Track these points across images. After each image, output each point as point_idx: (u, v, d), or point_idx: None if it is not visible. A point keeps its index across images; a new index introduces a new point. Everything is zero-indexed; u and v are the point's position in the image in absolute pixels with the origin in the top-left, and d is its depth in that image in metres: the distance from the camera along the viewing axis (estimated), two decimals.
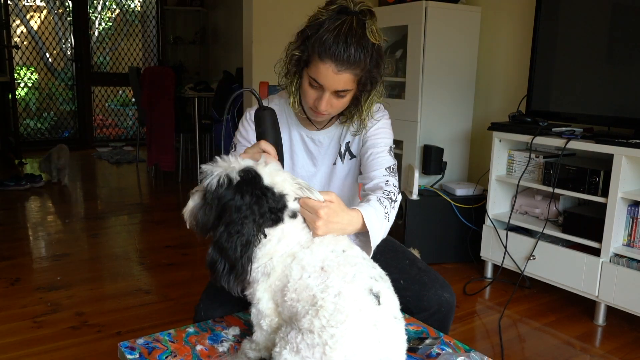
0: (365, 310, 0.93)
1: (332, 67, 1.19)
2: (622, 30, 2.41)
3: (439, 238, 3.06)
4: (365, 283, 0.97)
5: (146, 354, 1.10)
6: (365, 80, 1.25)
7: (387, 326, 0.94)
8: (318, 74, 1.22)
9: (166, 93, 4.94)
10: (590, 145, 2.36)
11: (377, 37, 1.22)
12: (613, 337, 2.31)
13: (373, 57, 1.23)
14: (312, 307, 0.94)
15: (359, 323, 0.91)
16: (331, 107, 1.28)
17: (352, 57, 1.18)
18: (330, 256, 1.01)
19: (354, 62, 1.19)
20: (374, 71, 1.25)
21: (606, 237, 2.33)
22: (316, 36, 1.20)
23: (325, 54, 1.19)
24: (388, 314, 0.96)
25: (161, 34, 7.00)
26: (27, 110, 6.74)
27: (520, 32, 3.12)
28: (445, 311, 1.37)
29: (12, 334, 2.18)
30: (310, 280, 0.97)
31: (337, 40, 1.17)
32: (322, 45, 1.18)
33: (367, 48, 1.20)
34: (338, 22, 1.19)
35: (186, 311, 2.38)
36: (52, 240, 3.37)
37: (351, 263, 1.00)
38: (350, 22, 1.19)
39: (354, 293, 0.94)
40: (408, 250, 1.52)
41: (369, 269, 1.01)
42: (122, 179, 5.26)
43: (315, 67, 1.22)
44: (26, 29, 6.69)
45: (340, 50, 1.17)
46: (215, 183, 0.99)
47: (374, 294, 0.96)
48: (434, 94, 3.18)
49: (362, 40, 1.19)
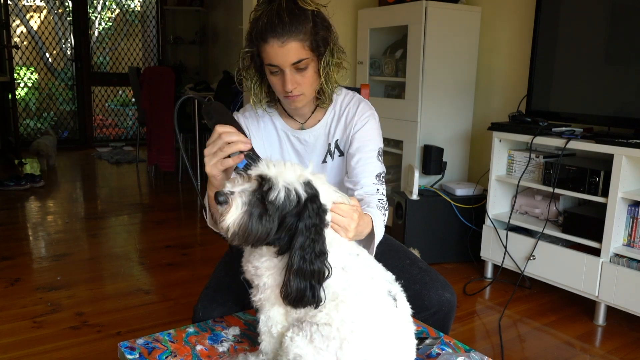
0: (385, 311, 0.95)
1: (276, 43, 1.21)
2: (622, 30, 2.41)
3: (439, 238, 3.06)
4: (384, 286, 0.99)
5: (146, 354, 1.10)
6: (315, 45, 1.26)
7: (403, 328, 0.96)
8: (268, 56, 1.24)
9: (166, 93, 4.94)
10: (590, 145, 2.36)
11: (311, 4, 1.25)
12: (613, 337, 2.31)
13: (315, 21, 1.25)
14: (331, 302, 0.94)
15: (380, 322, 0.92)
16: (299, 85, 1.28)
17: (287, 25, 1.21)
18: (348, 259, 1.01)
19: (293, 30, 1.21)
20: (321, 32, 1.26)
21: (606, 237, 2.33)
22: (257, 28, 1.24)
23: (265, 34, 1.22)
24: (404, 316, 0.98)
25: (161, 34, 7.00)
26: (27, 110, 6.74)
27: (520, 32, 3.12)
28: (446, 311, 1.37)
29: (12, 334, 2.18)
30: (330, 280, 0.95)
31: (271, 19, 1.21)
32: (261, 30, 1.22)
33: (303, 14, 1.23)
34: (269, 7, 1.23)
35: (186, 311, 2.38)
36: (52, 240, 3.37)
37: (369, 265, 1.02)
38: (279, 1, 1.23)
39: (374, 293, 0.96)
40: (409, 250, 1.52)
41: (383, 272, 1.03)
42: (122, 179, 5.26)
43: (265, 52, 1.24)
44: (26, 29, 6.69)
45: (275, 24, 1.20)
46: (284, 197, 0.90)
47: (392, 296, 0.97)
48: (434, 94, 3.18)
49: (295, 11, 1.22)
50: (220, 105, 1.15)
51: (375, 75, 3.59)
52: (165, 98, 4.94)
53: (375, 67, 3.60)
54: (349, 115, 1.41)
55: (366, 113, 1.41)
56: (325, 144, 1.45)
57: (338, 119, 1.43)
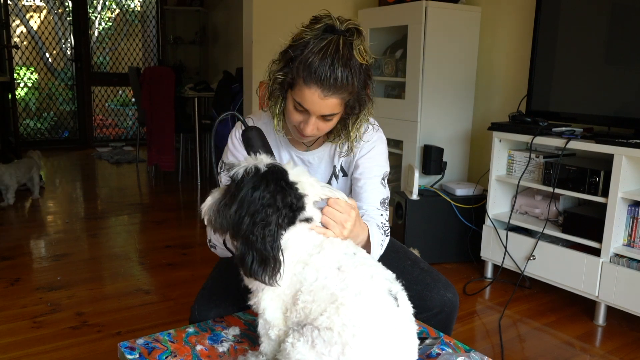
0: (387, 312, 0.92)
1: (317, 92, 1.13)
2: (621, 30, 2.41)
3: (439, 238, 3.06)
4: (384, 284, 0.95)
5: (146, 354, 1.10)
6: (353, 103, 1.20)
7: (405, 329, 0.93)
8: (303, 99, 1.15)
9: (166, 93, 4.94)
10: (590, 145, 2.36)
11: (365, 57, 1.16)
12: (613, 337, 2.31)
13: (361, 79, 1.17)
14: (331, 304, 0.91)
15: (381, 324, 0.90)
16: (317, 131, 1.23)
17: (339, 81, 1.12)
18: (344, 258, 0.98)
19: (341, 87, 1.13)
20: (362, 93, 1.19)
21: (606, 237, 2.33)
22: (300, 58, 1.13)
23: (310, 78, 1.12)
24: (406, 315, 0.95)
25: (161, 34, 7.00)
26: (27, 110, 6.74)
27: (520, 32, 3.12)
28: (449, 311, 1.37)
29: (12, 334, 2.18)
30: (328, 280, 0.94)
31: (323, 63, 1.10)
32: (307, 69, 1.11)
33: (354, 70, 1.14)
34: (324, 42, 1.12)
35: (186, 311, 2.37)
36: (52, 240, 3.37)
37: (367, 264, 0.98)
38: (337, 42, 1.12)
39: (374, 292, 0.93)
40: (409, 251, 1.52)
41: (383, 270, 1.00)
42: (122, 179, 5.26)
43: (300, 92, 1.15)
44: (26, 29, 6.69)
45: (326, 74, 1.10)
46: (242, 172, 0.96)
47: (393, 295, 0.94)
48: (434, 94, 3.18)
49: (349, 62, 1.12)
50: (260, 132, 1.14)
51: (375, 75, 3.59)
52: (165, 98, 4.94)
53: (375, 67, 3.60)
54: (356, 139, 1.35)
55: (373, 138, 1.36)
56: (330, 165, 1.41)
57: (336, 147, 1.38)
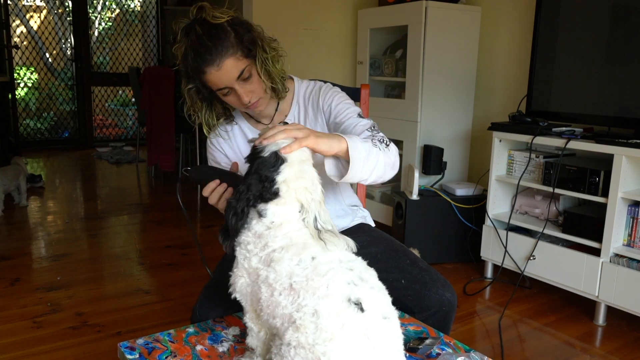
0: (349, 324, 0.87)
1: (212, 69, 1.25)
2: (622, 30, 2.41)
3: (439, 238, 3.06)
4: (342, 293, 0.89)
5: (146, 354, 1.10)
6: (247, 51, 1.28)
7: (378, 331, 0.89)
8: (214, 83, 1.28)
9: (166, 93, 4.94)
10: (590, 145, 2.36)
11: (223, 15, 1.26)
12: (613, 337, 2.31)
13: (235, 29, 1.26)
14: (291, 324, 0.89)
15: (347, 338, 0.86)
16: (252, 93, 1.32)
17: (213, 48, 1.23)
18: (297, 270, 0.93)
19: (220, 50, 1.24)
20: (246, 37, 1.27)
21: (606, 237, 2.33)
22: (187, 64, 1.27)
23: (200, 67, 1.25)
24: (375, 317, 0.90)
25: (161, 34, 7.00)
26: (27, 110, 6.74)
27: (520, 32, 3.12)
28: (447, 311, 1.37)
29: (12, 334, 2.18)
30: (282, 298, 0.92)
31: (198, 50, 1.24)
32: (194, 64, 1.25)
33: (221, 29, 1.24)
34: (189, 39, 1.26)
35: (186, 311, 2.38)
36: (52, 240, 3.37)
37: (321, 273, 0.91)
38: (194, 29, 1.25)
39: (331, 308, 0.88)
40: (409, 250, 1.52)
41: (344, 273, 0.93)
42: (122, 179, 5.26)
43: (209, 82, 1.29)
44: (26, 29, 6.69)
45: (202, 53, 1.23)
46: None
47: (354, 302, 0.89)
48: (434, 94, 3.18)
49: (212, 30, 1.24)
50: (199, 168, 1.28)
51: (375, 75, 3.59)
52: (165, 98, 4.94)
53: (375, 67, 3.60)
54: (314, 100, 1.45)
55: (329, 92, 1.44)
56: None
57: (305, 109, 1.47)
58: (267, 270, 0.95)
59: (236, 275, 1.02)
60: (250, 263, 0.99)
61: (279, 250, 0.96)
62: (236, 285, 1.02)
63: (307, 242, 0.97)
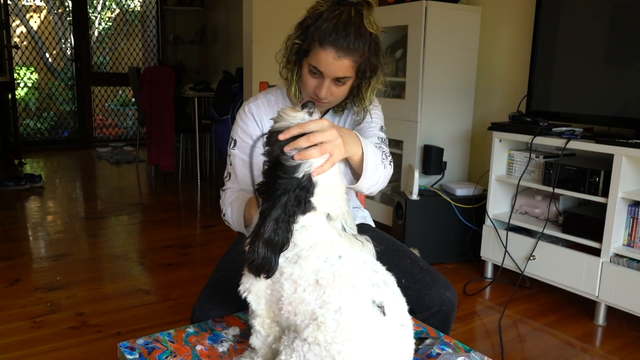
0: (371, 325, 0.88)
1: (332, 53, 1.22)
2: (622, 30, 2.41)
3: (439, 238, 3.06)
4: (367, 293, 0.90)
5: (146, 354, 1.10)
6: (364, 68, 1.28)
7: (395, 337, 0.90)
8: (318, 61, 1.25)
9: (166, 93, 4.94)
10: (590, 145, 2.36)
11: (374, 27, 1.26)
12: (613, 337, 2.31)
13: (371, 46, 1.26)
14: (312, 321, 0.89)
15: (366, 340, 0.86)
16: (331, 95, 1.31)
17: (351, 43, 1.22)
18: (324, 267, 0.93)
19: (353, 49, 1.23)
20: (373, 59, 1.28)
21: (606, 237, 2.33)
22: (316, 25, 1.23)
23: (325, 40, 1.22)
24: (394, 323, 0.91)
25: (161, 34, 7.00)
26: (27, 110, 6.74)
27: (520, 32, 3.12)
28: (447, 310, 1.37)
29: (12, 334, 2.18)
30: (306, 294, 0.92)
31: (337, 28, 1.21)
32: (322, 33, 1.22)
33: (365, 36, 1.24)
34: (337, 11, 1.23)
35: (186, 311, 2.37)
36: (52, 240, 3.37)
37: (348, 272, 0.92)
38: (349, 11, 1.23)
39: (355, 307, 0.88)
40: (409, 250, 1.52)
41: (370, 275, 0.94)
42: (122, 179, 5.26)
43: (316, 55, 1.25)
44: (26, 29, 6.69)
45: (339, 37, 1.21)
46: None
47: (377, 305, 0.89)
48: (434, 94, 3.18)
49: (360, 29, 1.23)
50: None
51: None
52: (165, 98, 4.94)
53: None
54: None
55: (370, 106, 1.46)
56: None
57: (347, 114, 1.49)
58: (292, 267, 0.95)
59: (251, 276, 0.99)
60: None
61: (307, 249, 0.96)
62: (252, 287, 1.00)
63: (335, 241, 0.97)
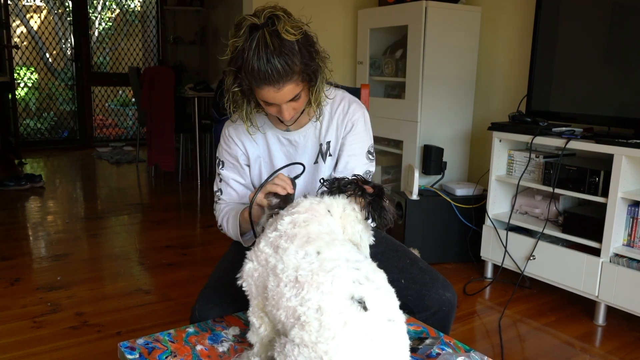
0: (351, 322, 0.87)
1: (271, 89, 1.20)
2: (622, 30, 2.41)
3: (439, 238, 3.06)
4: (346, 290, 0.90)
5: (146, 354, 1.10)
6: (308, 76, 1.25)
7: (381, 332, 0.88)
8: (265, 97, 1.24)
9: (166, 93, 4.94)
10: (590, 145, 2.36)
11: (295, 32, 1.19)
12: (613, 337, 2.31)
13: (302, 53, 1.21)
14: (296, 320, 0.90)
15: (350, 337, 0.86)
16: (294, 110, 1.30)
17: (281, 71, 1.18)
18: (303, 263, 0.94)
19: (286, 74, 1.19)
20: (311, 63, 1.24)
21: (606, 237, 2.33)
22: (243, 68, 1.19)
23: (258, 81, 1.19)
24: (380, 318, 0.89)
25: (161, 34, 7.00)
26: (27, 110, 6.74)
27: (520, 32, 3.12)
28: (447, 311, 1.37)
29: (12, 334, 2.18)
30: (287, 289, 0.93)
31: (261, 63, 1.16)
32: (252, 75, 1.18)
33: (290, 52, 1.18)
34: (254, 43, 1.17)
35: (186, 311, 2.38)
36: (52, 240, 3.37)
37: (326, 269, 0.92)
38: (263, 37, 1.17)
39: (334, 305, 0.88)
40: (409, 250, 1.52)
41: (350, 272, 0.93)
42: (122, 179, 5.26)
43: (260, 93, 1.23)
44: (26, 29, 6.69)
45: (268, 71, 1.17)
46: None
47: (357, 301, 0.88)
48: (434, 94, 3.18)
49: (282, 49, 1.17)
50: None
51: (375, 75, 3.59)
52: (165, 98, 4.94)
53: (375, 67, 3.60)
54: (340, 117, 1.44)
55: (356, 114, 1.43)
56: (317, 144, 1.45)
57: (329, 120, 1.44)
58: (276, 259, 0.98)
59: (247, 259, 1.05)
60: (259, 245, 1.03)
61: (285, 238, 1.00)
62: (244, 268, 1.05)
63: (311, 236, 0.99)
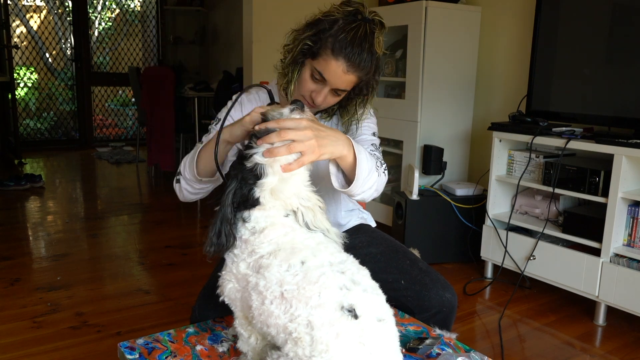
0: (344, 333, 0.86)
1: (343, 67, 1.21)
2: (622, 30, 2.41)
3: (439, 238, 3.06)
4: (335, 300, 0.88)
5: (146, 354, 1.10)
6: (363, 85, 1.30)
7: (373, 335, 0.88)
8: (326, 69, 1.23)
9: (166, 93, 4.94)
10: (590, 145, 2.36)
11: (380, 48, 1.27)
12: (613, 337, 2.31)
13: (375, 66, 1.27)
14: (288, 335, 0.88)
15: (343, 348, 0.85)
16: (325, 102, 1.31)
17: (363, 61, 1.22)
18: (288, 277, 0.91)
19: (362, 67, 1.23)
20: (372, 80, 1.30)
21: (606, 237, 2.33)
22: (331, 32, 1.21)
23: (339, 51, 1.20)
24: (370, 321, 0.88)
25: (161, 34, 7.00)
26: (27, 110, 6.74)
27: (520, 32, 3.12)
28: (447, 312, 1.37)
29: (12, 334, 2.18)
30: (274, 307, 0.90)
31: (353, 42, 1.20)
32: (338, 43, 1.20)
33: (373, 56, 1.24)
34: (354, 24, 1.21)
35: (186, 311, 2.38)
36: (52, 240, 3.37)
37: (312, 280, 0.90)
38: (365, 27, 1.22)
39: (325, 319, 0.86)
40: (409, 251, 1.52)
41: (336, 278, 0.91)
42: (122, 179, 5.26)
43: (325, 62, 1.22)
44: (26, 29, 6.69)
45: (354, 52, 1.20)
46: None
47: (347, 310, 0.87)
48: (434, 94, 3.18)
49: (371, 48, 1.23)
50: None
51: None
52: (165, 98, 4.94)
53: None
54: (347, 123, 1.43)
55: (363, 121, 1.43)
56: None
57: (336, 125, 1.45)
58: (257, 277, 0.94)
59: (224, 279, 1.01)
60: (238, 268, 0.98)
61: (267, 257, 0.95)
62: (224, 289, 1.01)
63: (296, 247, 0.95)
